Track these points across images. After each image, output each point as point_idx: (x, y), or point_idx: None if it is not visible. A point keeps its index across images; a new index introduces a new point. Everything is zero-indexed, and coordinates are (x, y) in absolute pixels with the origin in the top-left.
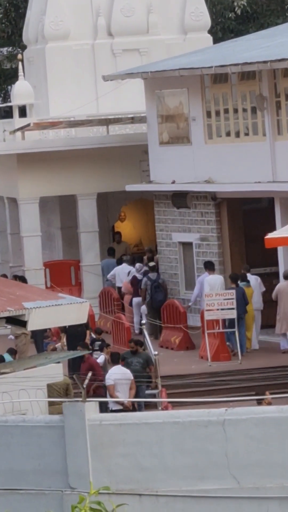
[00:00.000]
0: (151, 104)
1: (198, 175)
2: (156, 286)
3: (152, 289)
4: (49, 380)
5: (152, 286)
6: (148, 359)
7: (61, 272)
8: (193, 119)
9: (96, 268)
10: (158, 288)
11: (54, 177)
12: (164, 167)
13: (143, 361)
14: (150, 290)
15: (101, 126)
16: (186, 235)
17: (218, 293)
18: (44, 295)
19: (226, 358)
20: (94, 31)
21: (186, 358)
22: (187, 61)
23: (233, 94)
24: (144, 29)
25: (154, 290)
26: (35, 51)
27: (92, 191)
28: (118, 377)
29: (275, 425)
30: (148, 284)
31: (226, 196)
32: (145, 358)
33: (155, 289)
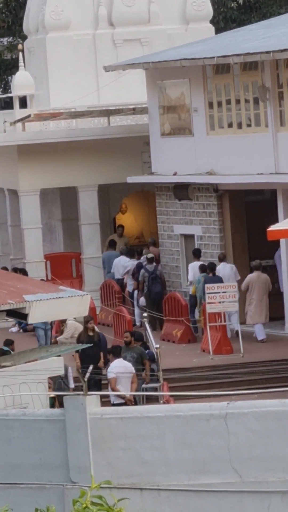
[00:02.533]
0: (152, 95)
1: (200, 166)
2: (154, 278)
3: (149, 280)
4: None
5: (150, 277)
6: (142, 353)
7: (62, 264)
8: (195, 110)
9: (97, 260)
10: (155, 280)
11: (55, 169)
12: (166, 158)
13: (137, 356)
14: (148, 282)
15: (102, 117)
16: (188, 227)
17: (220, 285)
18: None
19: (228, 351)
20: (95, 21)
21: (188, 351)
22: (189, 51)
23: (235, 85)
24: (145, 19)
25: (151, 281)
26: (36, 41)
27: (93, 183)
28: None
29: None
30: (145, 276)
31: (228, 188)
32: (138, 353)
33: (152, 281)
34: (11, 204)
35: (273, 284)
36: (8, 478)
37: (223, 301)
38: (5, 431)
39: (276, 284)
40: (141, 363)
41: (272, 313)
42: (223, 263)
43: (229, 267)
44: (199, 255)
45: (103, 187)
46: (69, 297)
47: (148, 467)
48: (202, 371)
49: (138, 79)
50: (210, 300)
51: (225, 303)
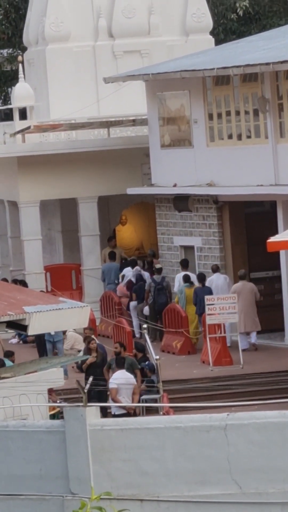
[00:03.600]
0: (152, 106)
1: (200, 178)
2: (160, 289)
3: (155, 291)
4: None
5: (156, 288)
6: (132, 364)
7: (62, 276)
8: (194, 121)
9: (97, 272)
10: (162, 291)
11: (55, 180)
12: (166, 170)
13: (128, 366)
14: (153, 292)
15: (102, 128)
16: (188, 238)
17: (220, 297)
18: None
19: (228, 362)
20: (95, 32)
21: (188, 362)
22: (189, 63)
23: (235, 96)
24: (145, 30)
25: (157, 292)
26: (36, 53)
27: (93, 194)
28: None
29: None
30: (152, 286)
31: (228, 199)
32: (129, 363)
33: (158, 292)
34: (11, 215)
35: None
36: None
37: (222, 312)
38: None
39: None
40: (132, 372)
41: (272, 325)
42: (216, 274)
43: (223, 278)
44: (186, 266)
45: (103, 198)
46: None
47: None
48: (202, 382)
49: (138, 91)
50: (210, 312)
51: (225, 314)
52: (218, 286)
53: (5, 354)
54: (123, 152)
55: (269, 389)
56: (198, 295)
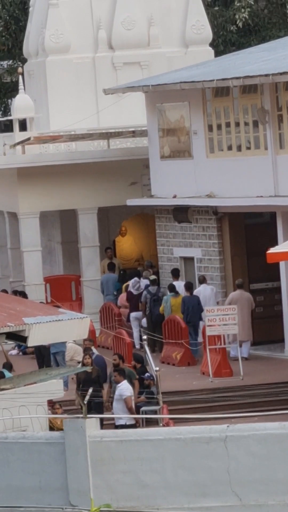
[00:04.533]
0: (152, 117)
1: (200, 189)
2: (156, 300)
3: (151, 302)
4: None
5: (151, 299)
6: (130, 374)
7: (62, 287)
8: (194, 132)
9: (97, 283)
10: (157, 302)
11: (55, 191)
12: (165, 181)
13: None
14: (150, 304)
15: (102, 140)
16: (188, 250)
17: (219, 308)
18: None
19: (228, 374)
20: (95, 44)
21: (188, 374)
22: (189, 74)
23: (234, 108)
24: (145, 42)
25: (153, 303)
26: (36, 64)
27: (92, 206)
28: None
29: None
30: (148, 298)
31: (228, 210)
32: (127, 374)
33: (154, 303)
34: (10, 226)
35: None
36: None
37: (223, 323)
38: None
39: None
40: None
41: (272, 336)
42: (203, 285)
43: (210, 289)
44: (177, 275)
45: (103, 209)
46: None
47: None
48: (202, 393)
49: (138, 102)
50: (210, 323)
51: (225, 326)
52: (206, 297)
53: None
54: (122, 163)
55: (269, 401)
56: (186, 304)
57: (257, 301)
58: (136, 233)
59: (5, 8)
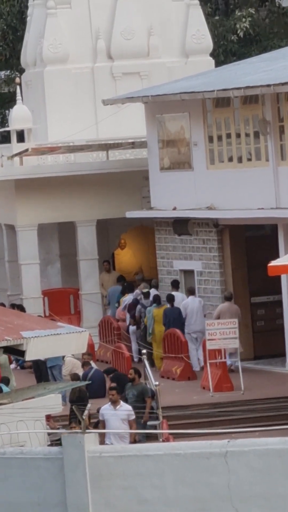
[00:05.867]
0: (151, 128)
1: (200, 201)
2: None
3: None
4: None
5: (145, 313)
6: (143, 391)
7: (60, 300)
8: (194, 144)
9: (96, 296)
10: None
11: (53, 204)
12: (165, 193)
13: (137, 393)
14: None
15: (101, 151)
16: (188, 262)
17: (220, 321)
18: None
19: (229, 388)
20: (94, 54)
21: (188, 388)
22: (189, 84)
23: (235, 119)
24: (144, 52)
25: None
26: (34, 75)
27: (91, 218)
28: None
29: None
30: (142, 311)
31: (229, 223)
32: (140, 390)
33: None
34: (8, 239)
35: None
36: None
37: (223, 337)
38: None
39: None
40: (142, 400)
41: (272, 350)
42: (191, 297)
43: (197, 301)
44: (177, 287)
45: (102, 222)
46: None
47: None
48: (202, 408)
49: (137, 113)
50: (210, 337)
51: (226, 339)
52: (194, 309)
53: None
54: (122, 175)
55: (271, 416)
56: (167, 316)
57: (258, 314)
58: (136, 245)
59: (3, 18)
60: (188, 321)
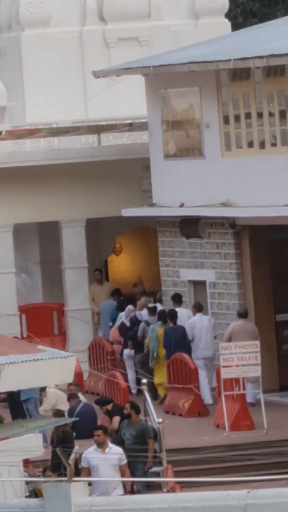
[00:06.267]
0: (153, 107)
1: (213, 196)
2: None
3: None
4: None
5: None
6: (144, 430)
7: (41, 318)
8: (206, 126)
9: (85, 313)
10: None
11: (32, 199)
12: (170, 186)
13: (137, 433)
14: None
15: (91, 134)
16: (198, 272)
17: (238, 344)
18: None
19: (248, 426)
20: (82, 15)
21: (198, 427)
22: (199, 52)
23: (256, 95)
24: (144, 12)
25: None
26: (8, 41)
27: (79, 217)
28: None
29: None
30: (146, 331)
31: (248, 222)
32: (139, 429)
33: None
34: None
35: None
36: None
37: (242, 364)
38: None
39: None
40: (142, 442)
41: None
42: (199, 315)
43: (207, 320)
44: (180, 301)
45: (92, 222)
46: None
47: None
48: (216, 451)
49: (136, 88)
50: (226, 363)
51: (245, 366)
52: (203, 329)
53: None
54: (117, 164)
55: None
56: (168, 336)
57: (285, 335)
58: (134, 251)
59: None
60: (195, 344)
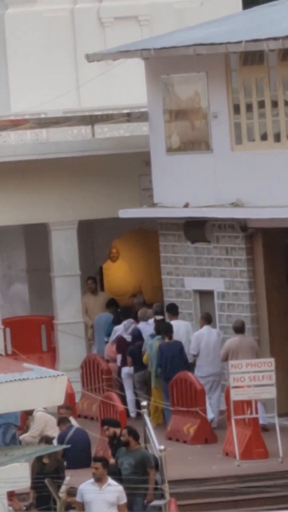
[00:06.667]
0: (154, 94)
1: (222, 195)
2: None
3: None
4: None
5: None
6: (144, 459)
7: (28, 332)
8: (214, 116)
9: (77, 327)
10: None
11: (18, 199)
12: (174, 184)
13: (136, 462)
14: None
15: (84, 126)
16: (205, 280)
17: (250, 362)
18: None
19: (262, 454)
20: None
21: (205, 455)
22: (206, 33)
23: (271, 81)
24: None
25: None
26: None
27: (71, 219)
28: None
29: None
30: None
31: (262, 225)
32: (139, 458)
33: None
34: None
35: None
36: None
37: (254, 384)
38: None
39: None
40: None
41: None
42: (207, 327)
43: (215, 333)
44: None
45: (86, 224)
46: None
47: None
48: (225, 483)
49: (135, 73)
50: (236, 383)
51: (258, 387)
52: (210, 344)
53: None
54: (113, 159)
55: None
56: (164, 353)
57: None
58: (133, 257)
59: None
60: (201, 360)
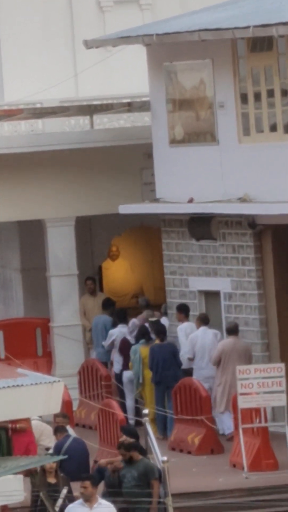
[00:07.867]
0: (157, 83)
1: (229, 190)
2: None
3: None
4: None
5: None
6: (148, 471)
7: (22, 336)
8: (221, 105)
9: (74, 330)
10: None
11: (12, 193)
12: (177, 178)
13: (139, 474)
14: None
15: (82, 116)
16: (211, 280)
17: (258, 367)
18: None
19: (272, 466)
20: None
21: (211, 466)
22: (212, 18)
23: (280, 69)
24: None
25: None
26: None
27: (68, 215)
28: None
29: None
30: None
31: (271, 221)
32: (142, 470)
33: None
34: None
35: None
36: None
37: (263, 391)
38: None
39: None
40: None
41: None
42: (203, 328)
43: (211, 334)
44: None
45: (84, 221)
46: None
47: None
48: (232, 496)
49: (136, 60)
50: (244, 390)
51: (267, 394)
52: (205, 345)
53: None
54: (113, 151)
55: None
56: (155, 356)
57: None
58: (134, 255)
59: None
60: (197, 363)
